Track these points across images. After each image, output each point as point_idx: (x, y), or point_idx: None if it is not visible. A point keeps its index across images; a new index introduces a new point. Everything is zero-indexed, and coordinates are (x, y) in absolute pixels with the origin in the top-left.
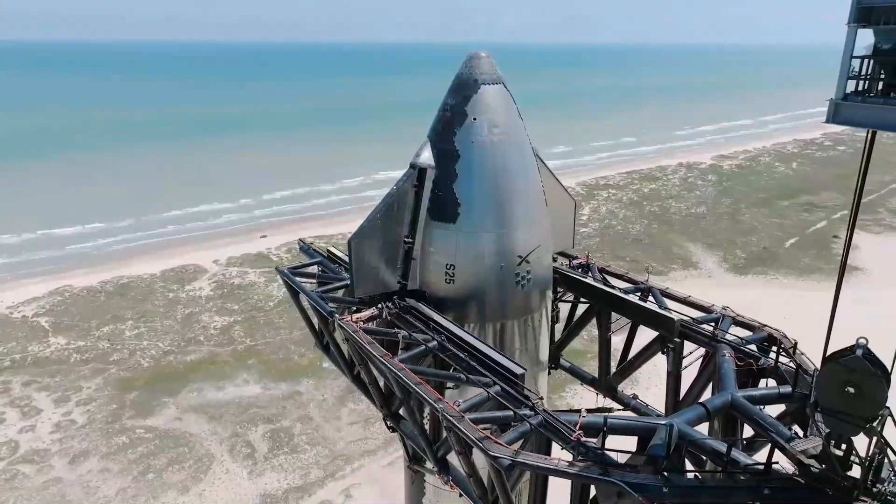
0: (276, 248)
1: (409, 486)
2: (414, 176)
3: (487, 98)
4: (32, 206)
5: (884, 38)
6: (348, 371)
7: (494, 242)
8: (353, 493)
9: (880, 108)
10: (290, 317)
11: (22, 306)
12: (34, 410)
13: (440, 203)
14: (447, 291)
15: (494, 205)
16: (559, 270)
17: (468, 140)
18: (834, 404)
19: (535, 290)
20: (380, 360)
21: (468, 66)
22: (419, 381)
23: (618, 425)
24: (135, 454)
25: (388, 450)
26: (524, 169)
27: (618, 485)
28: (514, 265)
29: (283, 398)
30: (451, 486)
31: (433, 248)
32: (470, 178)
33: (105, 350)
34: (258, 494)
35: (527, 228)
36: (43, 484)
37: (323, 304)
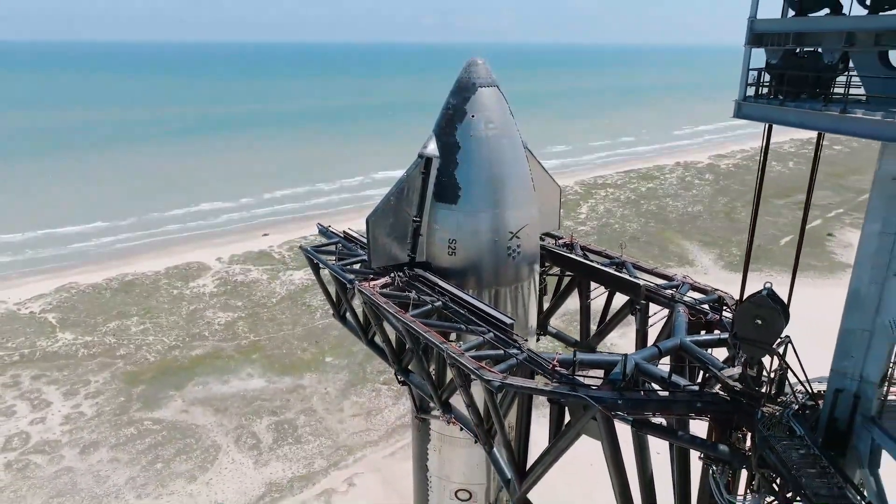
0: (278, 246)
1: (416, 434)
2: (422, 164)
3: (483, 99)
4: (34, 205)
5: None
6: (363, 335)
7: (489, 221)
8: (356, 482)
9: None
10: (293, 313)
11: (29, 303)
12: (44, 403)
13: (444, 187)
14: (450, 262)
15: (489, 189)
16: (546, 247)
17: (467, 134)
18: (747, 334)
19: (524, 263)
20: (394, 315)
21: (467, 71)
22: (427, 330)
23: (586, 360)
24: (143, 445)
25: (390, 441)
26: (515, 159)
27: (583, 399)
28: (506, 240)
29: (286, 391)
30: (453, 422)
31: (438, 226)
32: (469, 167)
33: (112, 345)
34: (264, 483)
35: (517, 209)
36: (54, 473)
37: (343, 274)
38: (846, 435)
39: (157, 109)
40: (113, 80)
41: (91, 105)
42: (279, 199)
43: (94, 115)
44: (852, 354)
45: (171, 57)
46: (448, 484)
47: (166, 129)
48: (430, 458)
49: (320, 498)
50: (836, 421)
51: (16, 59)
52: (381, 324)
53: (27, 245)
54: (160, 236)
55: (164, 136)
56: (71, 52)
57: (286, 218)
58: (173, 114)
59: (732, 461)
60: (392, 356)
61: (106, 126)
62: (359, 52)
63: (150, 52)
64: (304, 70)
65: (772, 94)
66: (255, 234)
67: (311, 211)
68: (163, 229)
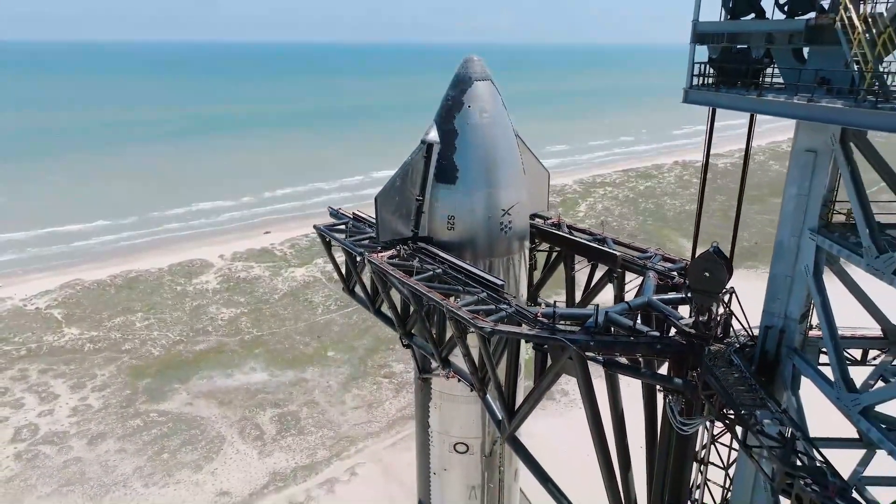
0: (279, 244)
1: (419, 394)
2: (424, 149)
3: (479, 91)
4: (36, 204)
5: (712, 51)
6: (371, 305)
7: (484, 199)
8: (358, 472)
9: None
10: (295, 309)
11: (34, 299)
12: (51, 396)
13: (443, 169)
14: (449, 236)
15: (484, 171)
16: (535, 226)
17: (464, 122)
18: (698, 285)
19: (515, 238)
20: (400, 280)
21: (464, 66)
22: (429, 290)
23: (565, 313)
24: (149, 436)
25: (391, 432)
26: (507, 144)
27: (561, 340)
28: (499, 216)
29: (289, 385)
30: (452, 376)
31: (438, 204)
32: (466, 151)
33: (117, 340)
34: (268, 473)
35: (508, 189)
36: (63, 463)
37: (354, 248)
38: (774, 364)
39: (156, 110)
40: (112, 81)
41: (91, 106)
42: (279, 198)
43: (94, 115)
44: (778, 297)
45: (172, 57)
46: (447, 438)
47: (166, 129)
48: (431, 415)
49: (323, 487)
50: (766, 353)
51: (18, 59)
52: (388, 291)
53: (30, 243)
54: (162, 234)
55: (163, 136)
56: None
57: (287, 216)
58: (173, 114)
59: (685, 391)
60: (398, 321)
61: (105, 127)
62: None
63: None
64: (305, 70)
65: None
66: (257, 232)
67: (311, 210)
68: (165, 227)
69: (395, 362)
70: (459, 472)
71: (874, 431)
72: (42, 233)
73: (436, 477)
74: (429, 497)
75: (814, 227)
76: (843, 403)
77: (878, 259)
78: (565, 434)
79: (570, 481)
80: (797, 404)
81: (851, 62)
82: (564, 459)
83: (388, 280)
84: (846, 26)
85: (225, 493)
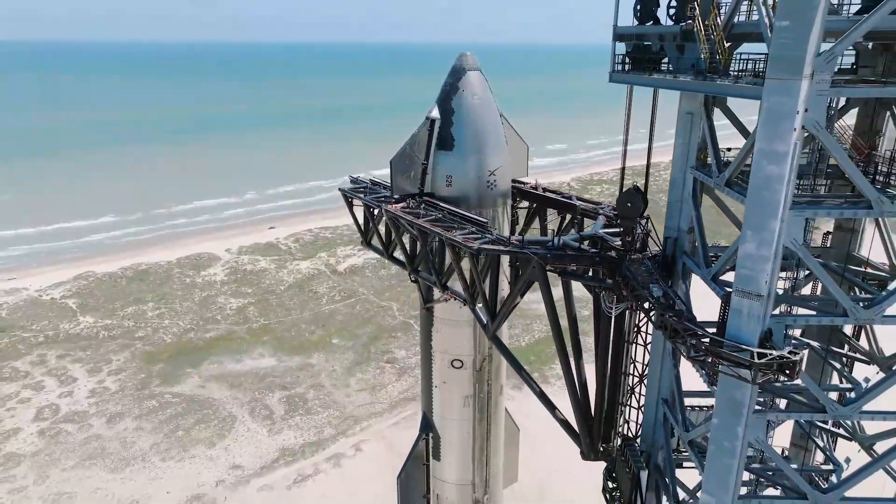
0: (284, 238)
1: (423, 322)
2: (428, 124)
3: (471, 79)
4: (43, 201)
5: (628, 46)
6: (386, 252)
7: (475, 162)
8: (363, 448)
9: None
10: (301, 299)
11: (49, 290)
12: (70, 379)
13: (443, 139)
14: (447, 192)
15: (474, 140)
16: (515, 187)
17: (459, 103)
18: (622, 213)
19: (499, 195)
20: (410, 221)
21: (460, 60)
22: (433, 226)
23: (532, 239)
24: (164, 415)
25: (394, 412)
26: (492, 120)
27: (527, 254)
28: (486, 176)
29: (296, 369)
30: (450, 296)
31: (439, 166)
32: (460, 125)
33: (130, 328)
34: (277, 449)
35: (493, 155)
36: (84, 439)
37: (373, 202)
38: (672, 263)
39: (159, 110)
40: (114, 81)
41: (93, 106)
42: (282, 195)
43: (97, 115)
44: (673, 216)
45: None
46: (446, 356)
47: (170, 128)
48: (433, 338)
49: (330, 461)
50: (666, 257)
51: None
52: (400, 236)
53: (40, 238)
54: (169, 229)
55: (167, 135)
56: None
57: (291, 212)
58: (176, 114)
59: (613, 287)
60: (407, 261)
61: (109, 126)
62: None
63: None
64: (307, 70)
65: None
66: (262, 227)
67: (314, 206)
68: (171, 223)
69: (397, 349)
70: (455, 385)
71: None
72: (50, 229)
73: (436, 389)
74: (430, 408)
75: (693, 166)
76: (707, 276)
77: (719, 177)
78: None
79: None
80: (685, 291)
81: (700, 54)
82: (556, 431)
83: (401, 224)
84: (697, 31)
85: (237, 467)
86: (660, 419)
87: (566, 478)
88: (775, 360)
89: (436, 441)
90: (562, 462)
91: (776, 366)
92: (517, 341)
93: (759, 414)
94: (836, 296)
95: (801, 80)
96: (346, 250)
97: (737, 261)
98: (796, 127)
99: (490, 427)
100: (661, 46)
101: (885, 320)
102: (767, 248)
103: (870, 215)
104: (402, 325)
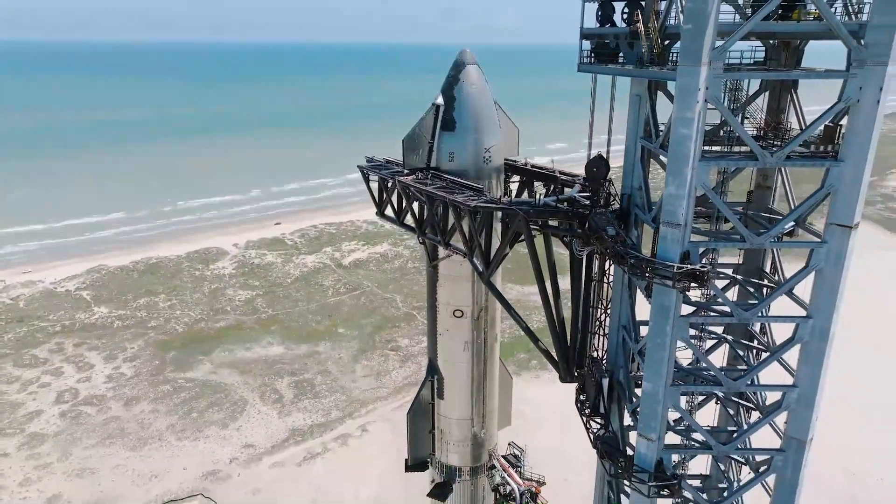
0: (290, 234)
1: (429, 278)
2: (434, 109)
3: (469, 71)
4: (52, 199)
5: (593, 43)
6: (398, 218)
7: (473, 141)
8: (368, 429)
9: (593, 66)
10: (307, 291)
11: (64, 282)
12: (87, 365)
13: (446, 121)
14: (449, 166)
15: (472, 123)
16: (508, 164)
17: (460, 91)
18: (590, 176)
19: (493, 169)
20: (419, 188)
21: (460, 55)
22: (438, 191)
23: (519, 199)
24: (179, 399)
25: (398, 396)
26: (487, 105)
27: (513, 209)
28: (483, 153)
29: (304, 357)
30: (452, 251)
31: (442, 144)
32: (461, 109)
33: (143, 318)
34: (287, 429)
35: (488, 135)
36: (104, 420)
37: (388, 175)
38: (627, 214)
39: (163, 109)
40: (116, 81)
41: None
42: (287, 192)
43: (104, 115)
44: (628, 176)
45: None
46: (448, 307)
47: (174, 127)
48: (438, 291)
49: (337, 441)
50: (623, 210)
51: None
52: (410, 204)
53: (51, 234)
54: (177, 225)
55: (172, 134)
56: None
57: (296, 209)
58: (180, 114)
59: (582, 235)
60: (416, 225)
61: (115, 125)
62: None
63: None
64: (308, 70)
65: (592, 61)
66: (268, 223)
67: (319, 203)
68: (180, 219)
69: (400, 338)
70: (456, 332)
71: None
72: (61, 225)
73: (441, 337)
74: (436, 354)
75: (642, 136)
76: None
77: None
78: (552, 398)
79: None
80: (637, 235)
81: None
82: (550, 415)
83: (411, 193)
84: (641, 32)
85: (250, 446)
86: (620, 342)
87: (560, 456)
88: (690, 272)
89: (440, 382)
90: (556, 441)
91: (691, 275)
92: (516, 330)
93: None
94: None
95: (701, 66)
96: (350, 245)
97: (662, 200)
98: (699, 100)
99: (486, 369)
100: (616, 44)
101: (773, 244)
102: (683, 189)
103: (755, 165)
104: (406, 316)
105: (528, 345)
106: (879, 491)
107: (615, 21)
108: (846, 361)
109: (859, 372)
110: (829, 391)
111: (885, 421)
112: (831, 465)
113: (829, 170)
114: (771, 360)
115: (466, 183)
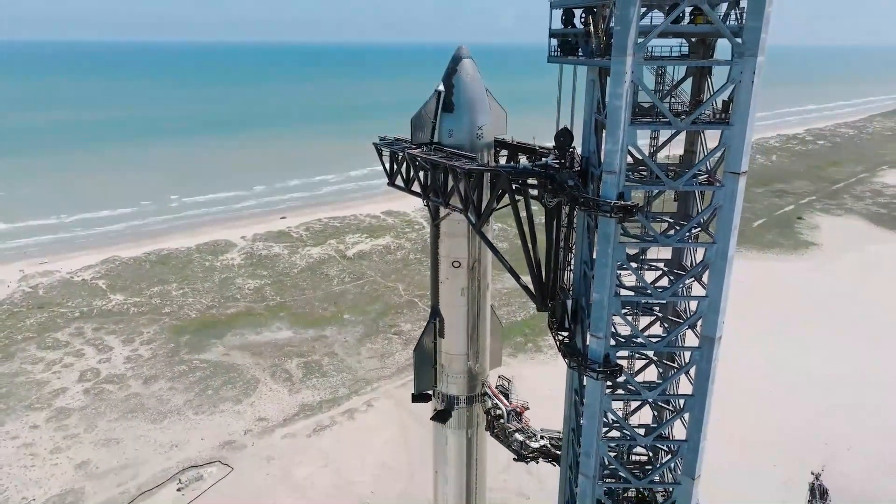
0: (295, 227)
1: (433, 234)
2: (436, 95)
3: (465, 64)
4: (63, 193)
5: (558, 41)
6: (406, 186)
7: (468, 120)
8: (374, 404)
9: (559, 58)
10: (313, 280)
11: (80, 272)
12: (107, 348)
13: (446, 104)
14: (450, 141)
15: (468, 105)
16: (496, 140)
17: (458, 80)
18: (558, 144)
19: (485, 145)
20: (424, 156)
21: (458, 51)
22: (440, 159)
23: (501, 165)
24: (194, 378)
25: (401, 376)
26: (480, 91)
27: (498, 170)
28: (476, 130)
29: (311, 340)
30: (451, 208)
31: (443, 123)
32: (458, 95)
33: (157, 305)
34: (297, 405)
35: (480, 115)
36: (125, 397)
37: (398, 149)
38: (585, 173)
39: (168, 108)
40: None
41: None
42: (291, 188)
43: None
44: (586, 142)
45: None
46: (448, 259)
47: (180, 125)
48: (439, 246)
49: (345, 415)
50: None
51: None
52: (416, 173)
53: (65, 227)
54: (186, 219)
55: (177, 132)
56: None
57: (300, 204)
58: (184, 112)
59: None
60: (422, 190)
61: (121, 123)
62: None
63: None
64: (309, 70)
65: (559, 55)
66: (273, 217)
67: (323, 198)
68: (189, 213)
69: (403, 323)
70: (455, 280)
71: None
72: (73, 219)
73: (442, 284)
74: (437, 299)
75: (595, 112)
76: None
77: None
78: (546, 377)
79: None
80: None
81: (593, 44)
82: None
83: (418, 162)
84: (591, 33)
85: (262, 419)
86: (582, 275)
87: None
88: (623, 206)
89: (441, 323)
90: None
91: (623, 209)
92: (514, 317)
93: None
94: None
95: (627, 57)
96: (353, 238)
97: (603, 154)
98: (626, 81)
99: (479, 311)
100: (576, 41)
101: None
102: (616, 145)
103: (668, 128)
104: (408, 303)
105: (525, 329)
106: (848, 458)
107: (575, 23)
108: (839, 346)
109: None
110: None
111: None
112: (805, 435)
113: (723, 132)
114: (688, 277)
115: (463, 153)
